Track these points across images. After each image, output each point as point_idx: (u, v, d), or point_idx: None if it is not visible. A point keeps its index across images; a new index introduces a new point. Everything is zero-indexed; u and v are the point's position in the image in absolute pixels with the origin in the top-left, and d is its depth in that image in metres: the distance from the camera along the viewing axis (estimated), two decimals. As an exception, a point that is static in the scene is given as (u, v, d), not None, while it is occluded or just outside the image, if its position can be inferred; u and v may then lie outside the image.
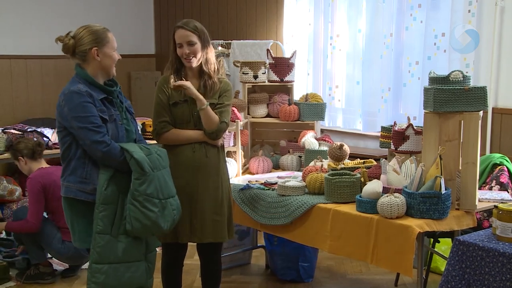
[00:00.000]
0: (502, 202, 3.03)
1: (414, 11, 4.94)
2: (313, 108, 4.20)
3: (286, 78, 4.28)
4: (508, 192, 3.63)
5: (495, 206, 2.70)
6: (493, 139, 4.50)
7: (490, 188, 3.76)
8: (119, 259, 2.81)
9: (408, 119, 3.41)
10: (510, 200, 3.32)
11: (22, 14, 6.56)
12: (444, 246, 4.09)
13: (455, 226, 3.10)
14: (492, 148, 4.49)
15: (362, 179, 3.33)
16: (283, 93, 4.33)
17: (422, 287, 3.16)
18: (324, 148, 3.99)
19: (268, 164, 4.10)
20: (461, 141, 3.09)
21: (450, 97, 3.04)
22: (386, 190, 3.12)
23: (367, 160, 3.81)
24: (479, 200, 3.23)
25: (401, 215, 3.01)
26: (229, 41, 6.26)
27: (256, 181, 3.77)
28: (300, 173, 3.83)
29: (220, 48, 6.24)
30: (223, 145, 3.41)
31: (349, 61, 5.59)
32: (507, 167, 3.86)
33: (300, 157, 4.14)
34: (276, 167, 4.20)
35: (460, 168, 3.12)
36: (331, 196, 3.31)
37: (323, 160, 3.74)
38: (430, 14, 4.82)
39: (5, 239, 4.82)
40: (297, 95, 4.51)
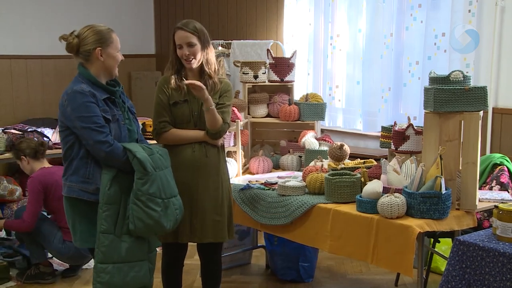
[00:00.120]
0: (503, 202, 3.02)
1: (414, 11, 4.94)
2: (313, 108, 4.20)
3: (286, 78, 4.28)
4: (509, 192, 3.63)
5: (496, 206, 2.70)
6: (493, 139, 4.50)
7: (491, 188, 3.76)
8: (123, 259, 2.81)
9: (408, 119, 3.41)
10: (511, 200, 3.32)
11: (22, 14, 6.56)
12: (445, 246, 4.09)
13: (456, 226, 3.10)
14: (492, 148, 4.49)
15: (363, 179, 3.33)
16: (283, 93, 4.33)
17: (422, 287, 3.16)
18: (324, 148, 3.99)
19: (268, 164, 4.10)
20: (461, 141, 3.08)
21: (451, 97, 3.04)
22: (387, 190, 3.11)
23: (367, 160, 3.81)
24: (479, 200, 3.23)
25: (401, 215, 3.01)
26: (229, 41, 6.26)
27: (256, 181, 3.77)
28: (300, 173, 3.83)
29: (220, 48, 6.24)
30: (223, 145, 3.41)
31: (349, 61, 5.58)
32: (507, 167, 3.86)
33: (300, 157, 4.14)
34: (276, 167, 4.20)
35: (461, 168, 3.12)
36: (331, 196, 3.31)
37: (323, 160, 3.73)
38: (430, 14, 4.82)
39: (5, 239, 4.83)
40: (297, 95, 4.51)
